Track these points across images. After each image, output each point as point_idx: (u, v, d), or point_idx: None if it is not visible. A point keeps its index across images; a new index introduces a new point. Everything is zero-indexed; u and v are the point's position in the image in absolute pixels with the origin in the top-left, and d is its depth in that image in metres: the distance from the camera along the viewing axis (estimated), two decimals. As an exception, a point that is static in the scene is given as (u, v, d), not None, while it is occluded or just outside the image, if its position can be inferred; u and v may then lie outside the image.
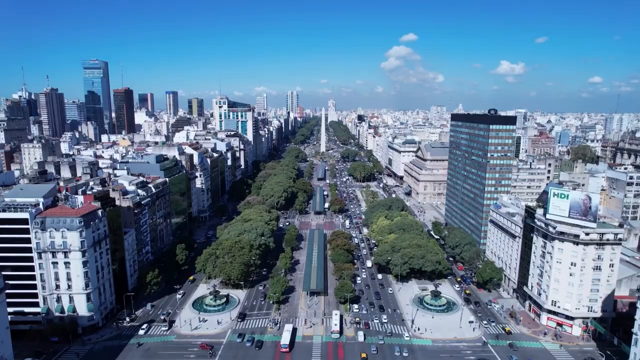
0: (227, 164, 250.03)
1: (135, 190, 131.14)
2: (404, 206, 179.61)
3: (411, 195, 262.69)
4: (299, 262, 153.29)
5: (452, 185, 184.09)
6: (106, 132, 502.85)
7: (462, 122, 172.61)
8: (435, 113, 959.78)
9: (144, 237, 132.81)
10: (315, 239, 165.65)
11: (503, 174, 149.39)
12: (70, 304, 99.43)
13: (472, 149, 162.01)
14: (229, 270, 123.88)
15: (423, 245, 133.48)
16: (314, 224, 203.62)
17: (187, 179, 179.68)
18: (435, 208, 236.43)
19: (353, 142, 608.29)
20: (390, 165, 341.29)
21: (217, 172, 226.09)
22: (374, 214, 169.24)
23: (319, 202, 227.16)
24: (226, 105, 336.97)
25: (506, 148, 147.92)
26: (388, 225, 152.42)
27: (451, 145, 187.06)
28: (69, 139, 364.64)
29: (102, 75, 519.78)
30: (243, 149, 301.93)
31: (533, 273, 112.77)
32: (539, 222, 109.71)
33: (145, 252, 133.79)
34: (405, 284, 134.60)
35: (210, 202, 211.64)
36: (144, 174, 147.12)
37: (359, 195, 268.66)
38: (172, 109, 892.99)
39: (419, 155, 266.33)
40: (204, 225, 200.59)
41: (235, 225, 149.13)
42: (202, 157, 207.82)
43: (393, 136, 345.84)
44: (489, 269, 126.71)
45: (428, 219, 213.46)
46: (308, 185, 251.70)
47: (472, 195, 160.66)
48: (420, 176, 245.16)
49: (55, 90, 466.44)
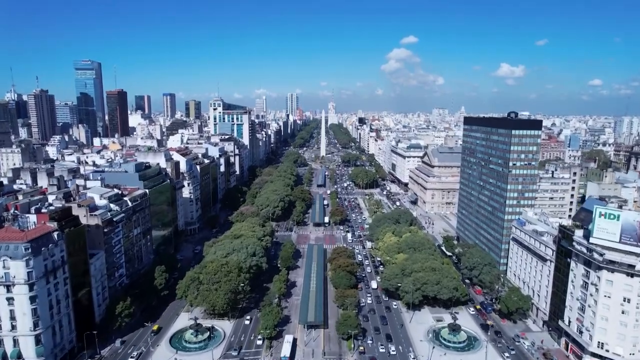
0: (219, 170, 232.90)
1: (106, 205, 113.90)
2: (412, 220, 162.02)
3: (417, 204, 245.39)
4: (296, 284, 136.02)
5: (465, 196, 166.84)
6: (99, 135, 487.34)
7: (477, 126, 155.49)
8: (437, 115, 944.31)
9: (117, 259, 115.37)
10: (315, 257, 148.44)
11: (526, 186, 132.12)
12: (15, 348, 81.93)
13: (489, 157, 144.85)
14: (213, 298, 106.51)
15: (438, 269, 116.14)
16: (313, 237, 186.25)
17: (172, 189, 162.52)
18: (443, 218, 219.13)
19: (354, 146, 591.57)
20: (393, 171, 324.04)
21: (208, 180, 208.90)
22: (380, 228, 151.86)
23: (318, 212, 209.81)
24: (221, 107, 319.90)
25: (530, 156, 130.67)
26: (396, 242, 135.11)
27: (464, 152, 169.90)
28: (58, 143, 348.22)
29: (95, 76, 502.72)
30: (238, 153, 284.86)
31: (571, 306, 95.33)
32: (579, 247, 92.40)
33: (118, 276, 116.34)
34: (417, 313, 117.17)
35: (200, 213, 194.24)
36: (120, 185, 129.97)
37: (362, 203, 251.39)
38: (169, 111, 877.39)
39: (426, 161, 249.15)
40: (192, 238, 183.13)
41: (224, 244, 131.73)
42: (191, 164, 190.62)
43: (397, 140, 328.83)
44: (515, 297, 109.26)
45: (437, 231, 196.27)
46: (307, 193, 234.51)
47: (490, 208, 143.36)
48: (428, 184, 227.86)
49: (45, 91, 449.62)
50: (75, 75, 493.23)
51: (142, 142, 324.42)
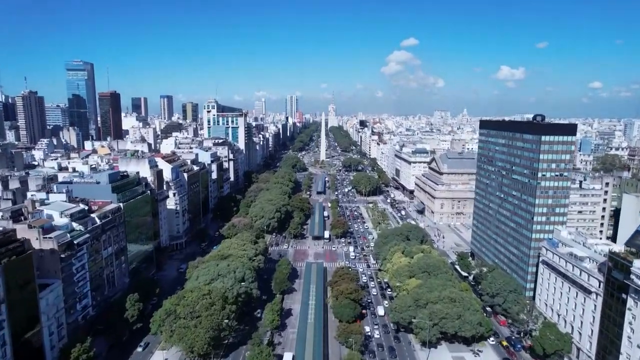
0: (211, 177, 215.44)
1: (67, 224, 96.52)
2: (424, 236, 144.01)
3: (424, 214, 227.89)
4: (292, 312, 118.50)
5: (482, 209, 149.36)
6: (92, 138, 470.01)
7: (497, 130, 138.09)
8: (439, 118, 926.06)
9: (80, 289, 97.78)
10: (313, 278, 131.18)
11: (558, 200, 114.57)
12: None
13: (512, 166, 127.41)
14: (191, 338, 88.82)
15: (458, 300, 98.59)
16: (312, 253, 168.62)
17: (154, 201, 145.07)
18: (454, 230, 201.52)
19: (355, 149, 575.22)
20: (397, 177, 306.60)
21: (197, 189, 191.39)
22: (388, 246, 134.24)
23: (318, 224, 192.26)
24: (215, 109, 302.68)
25: (562, 166, 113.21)
26: (407, 265, 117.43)
27: (480, 159, 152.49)
28: (45, 147, 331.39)
29: (87, 77, 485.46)
30: (233, 159, 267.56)
31: (629, 354, 77.70)
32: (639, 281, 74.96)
33: (81, 308, 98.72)
34: (433, 350, 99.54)
35: (187, 226, 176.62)
36: (88, 199, 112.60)
37: (364, 213, 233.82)
38: (166, 113, 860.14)
39: (433, 168, 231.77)
40: (178, 254, 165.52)
41: (208, 267, 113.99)
42: (177, 171, 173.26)
43: (400, 144, 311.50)
44: (552, 336, 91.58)
45: (449, 245, 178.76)
46: (305, 202, 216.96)
47: (513, 224, 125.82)
48: (436, 192, 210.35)
49: (34, 93, 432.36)
50: (67, 76, 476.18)
51: (131, 146, 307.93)
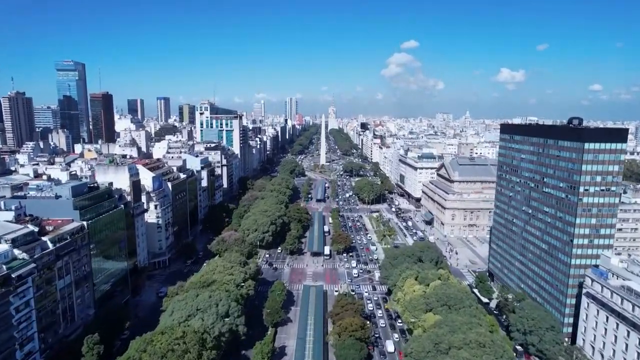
0: (200, 185, 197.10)
1: (6, 252, 78.22)
2: (438, 257, 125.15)
3: (433, 225, 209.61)
4: (285, 350, 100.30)
5: (504, 224, 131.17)
6: (83, 141, 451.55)
7: (523, 135, 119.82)
8: (441, 121, 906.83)
9: (22, 332, 79.36)
10: (312, 306, 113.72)
11: (603, 219, 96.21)
12: None
13: (543, 177, 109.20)
14: (157, 398, 70.65)
15: (487, 345, 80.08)
16: (310, 273, 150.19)
17: (129, 216, 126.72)
18: (467, 244, 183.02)
19: (356, 153, 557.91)
20: (402, 183, 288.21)
21: (184, 199, 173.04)
22: (398, 270, 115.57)
23: (317, 237, 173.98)
24: (208, 111, 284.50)
25: (610, 179, 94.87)
26: (422, 295, 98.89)
27: (501, 168, 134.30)
28: (31, 150, 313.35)
29: (78, 77, 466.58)
30: (226, 164, 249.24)
31: None
32: None
33: (24, 356, 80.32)
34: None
35: (171, 241, 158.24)
36: (41, 218, 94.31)
37: (368, 223, 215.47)
38: (163, 115, 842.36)
39: (443, 175, 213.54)
40: (161, 273, 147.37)
41: (186, 298, 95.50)
42: (161, 180, 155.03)
43: (405, 149, 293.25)
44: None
45: (463, 262, 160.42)
46: (304, 212, 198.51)
47: (545, 246, 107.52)
48: (447, 202, 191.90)
49: (21, 94, 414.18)
50: (57, 77, 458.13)
51: (120, 150, 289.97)
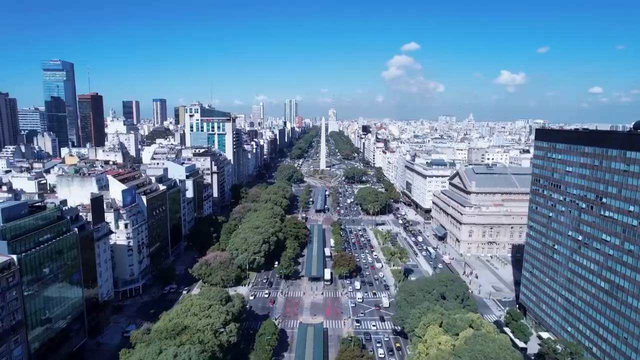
0: (184, 197, 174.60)
1: None
2: (464, 293, 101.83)
3: (446, 240, 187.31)
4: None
5: (541, 250, 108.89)
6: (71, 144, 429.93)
7: (569, 144, 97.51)
8: (444, 123, 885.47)
9: None
10: (309, 356, 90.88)
11: (690, 255, 73.98)
12: None
13: (600, 196, 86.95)
14: None
15: None
16: (308, 304, 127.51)
17: (88, 240, 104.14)
18: (487, 265, 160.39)
19: (357, 157, 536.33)
20: (409, 192, 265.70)
21: (163, 214, 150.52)
22: (417, 310, 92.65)
23: (316, 258, 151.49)
24: (199, 113, 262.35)
25: (701, 203, 72.68)
26: (451, 351, 76.19)
27: (536, 182, 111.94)
28: (11, 154, 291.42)
29: (67, 78, 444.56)
30: (217, 171, 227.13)
31: None
32: None
33: None
34: None
35: (146, 265, 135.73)
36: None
37: (373, 238, 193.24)
38: (159, 117, 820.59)
39: (457, 184, 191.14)
40: (132, 304, 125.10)
41: (145, 356, 72.95)
42: (133, 193, 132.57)
43: (412, 154, 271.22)
44: None
45: (486, 289, 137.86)
46: (302, 227, 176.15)
47: (607, 285, 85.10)
48: (464, 217, 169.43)
49: (4, 94, 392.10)
50: (44, 77, 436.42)
51: (103, 155, 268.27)
